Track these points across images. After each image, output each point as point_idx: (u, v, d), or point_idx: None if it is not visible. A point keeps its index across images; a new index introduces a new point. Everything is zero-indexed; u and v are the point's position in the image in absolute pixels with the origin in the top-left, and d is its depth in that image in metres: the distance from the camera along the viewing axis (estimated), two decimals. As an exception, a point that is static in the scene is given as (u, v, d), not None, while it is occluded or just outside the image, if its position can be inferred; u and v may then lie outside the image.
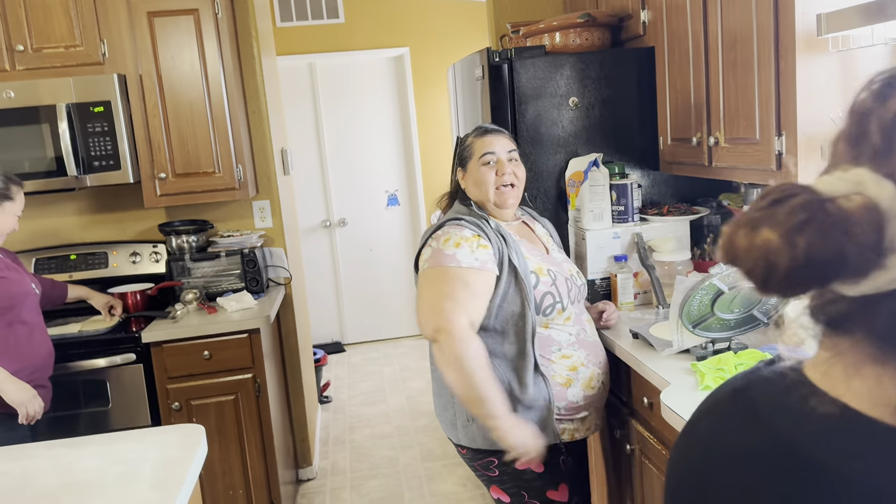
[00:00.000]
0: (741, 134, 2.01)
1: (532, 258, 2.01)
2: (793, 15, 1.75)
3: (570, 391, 2.00)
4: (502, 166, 2.03)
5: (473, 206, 2.06)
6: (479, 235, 1.94)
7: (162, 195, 3.07)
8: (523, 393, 1.93)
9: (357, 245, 5.73)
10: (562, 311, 2.00)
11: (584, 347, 2.03)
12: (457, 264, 1.89)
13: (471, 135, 2.12)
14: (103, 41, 2.95)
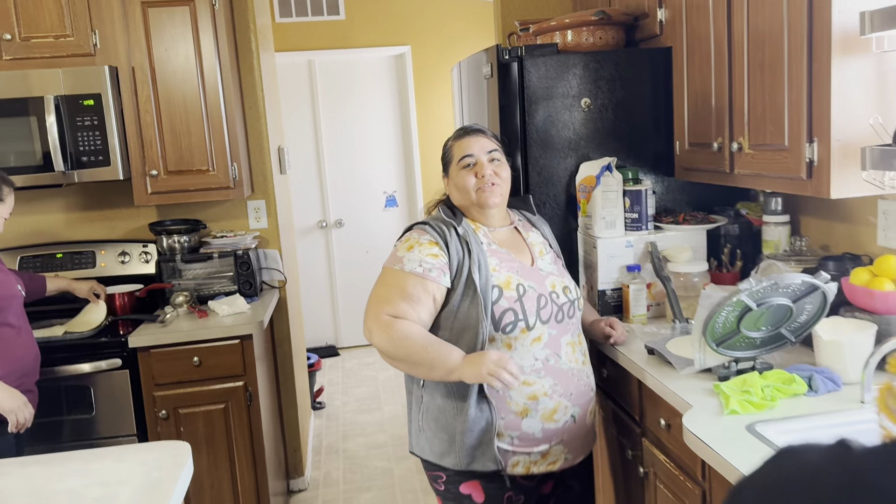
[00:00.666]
0: (768, 140, 1.90)
1: (502, 270, 1.88)
2: (829, 13, 1.64)
3: (526, 422, 1.86)
4: (481, 167, 1.92)
5: (443, 212, 1.96)
6: (436, 242, 1.87)
7: (153, 193, 2.94)
8: (464, 414, 1.83)
9: (353, 247, 5.61)
10: (526, 329, 1.85)
11: (552, 375, 1.87)
12: (400, 267, 1.84)
13: (450, 138, 2.03)
14: (95, 31, 2.82)
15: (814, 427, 1.54)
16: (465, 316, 1.84)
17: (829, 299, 1.68)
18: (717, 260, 2.45)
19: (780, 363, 1.85)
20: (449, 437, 1.87)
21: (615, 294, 2.38)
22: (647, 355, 2.04)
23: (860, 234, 2.12)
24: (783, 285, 1.62)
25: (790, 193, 1.92)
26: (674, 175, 2.51)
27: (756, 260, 2.42)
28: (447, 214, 1.96)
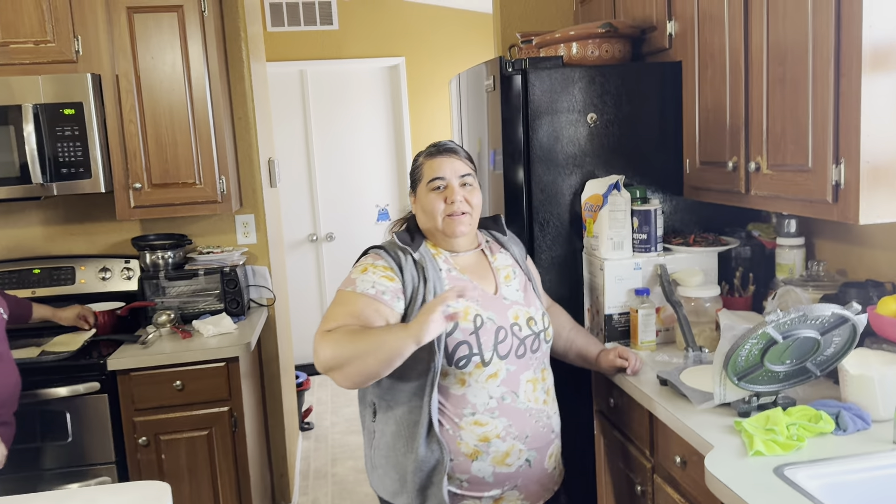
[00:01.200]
0: (789, 160, 1.79)
1: (460, 300, 1.72)
2: (859, 28, 1.54)
3: (476, 464, 1.73)
4: (452, 193, 1.78)
5: (399, 237, 1.82)
6: (390, 267, 1.75)
7: (136, 207, 2.81)
8: (414, 453, 1.71)
9: (344, 261, 5.47)
10: (482, 365, 1.72)
11: (506, 415, 1.74)
12: (352, 289, 1.74)
13: (422, 154, 1.88)
14: (77, 37, 2.69)
15: (847, 472, 1.43)
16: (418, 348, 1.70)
17: (858, 332, 1.57)
18: (728, 284, 2.34)
19: (802, 398, 1.73)
20: (400, 477, 1.75)
21: (622, 318, 2.26)
22: (660, 386, 1.92)
23: (880, 259, 2.02)
24: (812, 317, 1.51)
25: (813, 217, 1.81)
26: (682, 194, 2.40)
27: (769, 284, 2.32)
28: (404, 240, 1.82)
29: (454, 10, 5.24)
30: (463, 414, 1.73)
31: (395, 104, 5.35)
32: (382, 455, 1.79)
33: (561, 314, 2.13)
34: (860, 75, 1.55)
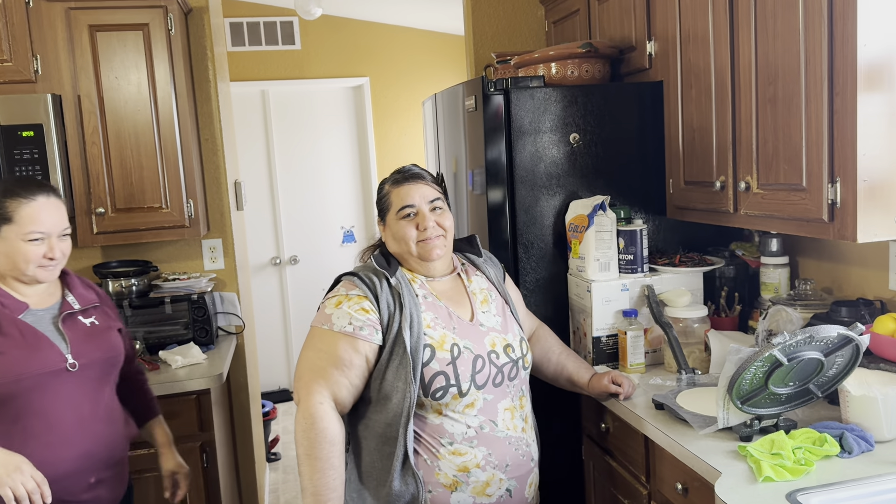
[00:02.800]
0: (782, 179, 1.78)
1: (437, 328, 1.71)
2: (854, 46, 1.54)
3: (455, 496, 1.68)
4: (423, 219, 1.76)
5: (376, 261, 1.78)
6: (365, 296, 1.69)
7: (99, 233, 2.68)
8: (387, 487, 1.66)
9: (309, 284, 5.36)
10: (458, 396, 1.67)
11: (485, 444, 1.70)
12: (329, 327, 1.68)
13: (387, 182, 1.84)
14: (36, 56, 2.57)
15: (860, 496, 1.40)
16: (393, 377, 1.66)
17: (861, 352, 1.55)
18: (714, 304, 2.33)
19: (802, 420, 1.71)
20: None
21: (610, 341, 2.23)
22: (655, 410, 1.88)
23: (867, 277, 2.03)
24: (819, 338, 1.49)
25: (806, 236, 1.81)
26: (665, 214, 2.39)
27: (754, 303, 2.31)
28: (381, 264, 1.76)
29: (419, 31, 5.22)
30: (441, 443, 1.68)
31: (360, 124, 5.29)
32: (353, 489, 1.72)
33: (550, 337, 2.08)
34: (855, 94, 1.55)
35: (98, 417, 1.85)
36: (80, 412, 1.81)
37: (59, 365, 1.78)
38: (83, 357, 1.83)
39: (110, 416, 1.90)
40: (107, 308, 2.00)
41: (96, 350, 1.86)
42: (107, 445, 1.86)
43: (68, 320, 1.86)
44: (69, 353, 1.81)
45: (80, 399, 1.81)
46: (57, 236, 1.80)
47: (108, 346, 1.90)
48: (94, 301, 1.95)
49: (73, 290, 1.92)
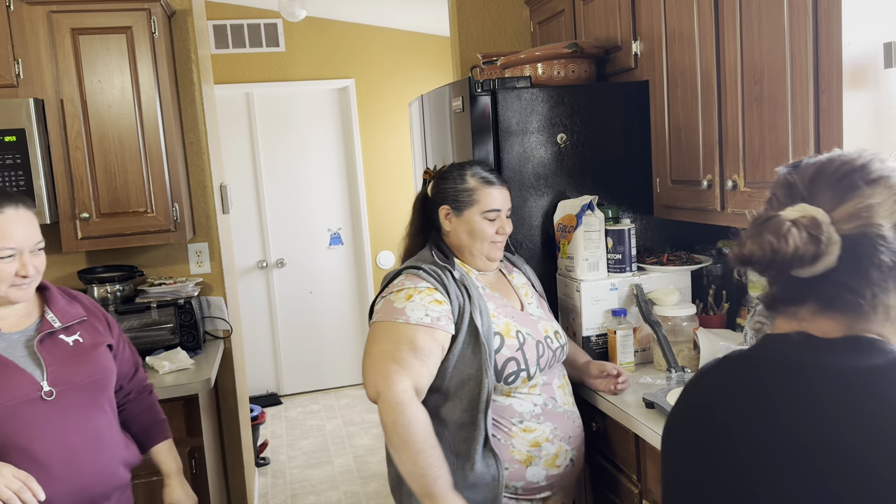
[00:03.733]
0: (768, 177, 1.79)
1: (500, 316, 1.81)
2: (839, 45, 1.55)
3: (531, 470, 1.78)
4: (504, 225, 1.91)
5: (435, 255, 1.84)
6: (435, 289, 1.75)
7: (84, 238, 2.65)
8: (469, 469, 1.70)
9: (296, 287, 5.34)
10: (527, 379, 1.79)
11: (550, 420, 1.83)
12: (405, 320, 1.70)
13: (471, 177, 1.90)
14: (17, 61, 2.54)
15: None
16: (466, 366, 1.73)
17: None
18: (702, 302, 2.34)
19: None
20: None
21: (600, 340, 2.23)
22: (646, 409, 1.89)
23: (853, 273, 2.04)
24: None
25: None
26: (652, 213, 2.40)
27: (742, 301, 2.32)
28: (440, 258, 1.84)
29: (403, 32, 5.21)
30: (511, 423, 1.79)
31: (346, 126, 5.27)
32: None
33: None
34: (841, 92, 1.57)
35: (89, 448, 1.65)
36: (68, 444, 1.61)
37: (33, 394, 1.59)
38: (63, 383, 1.63)
39: (104, 443, 1.69)
40: (95, 322, 1.80)
41: (79, 373, 1.67)
42: (102, 478, 1.67)
43: (47, 341, 1.66)
44: (45, 380, 1.61)
45: (65, 430, 1.62)
46: (29, 251, 1.61)
47: (92, 368, 1.70)
48: (79, 316, 1.75)
49: (54, 307, 1.72)
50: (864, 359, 0.87)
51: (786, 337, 0.93)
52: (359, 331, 5.46)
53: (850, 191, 0.89)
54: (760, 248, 0.89)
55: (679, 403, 1.04)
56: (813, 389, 0.87)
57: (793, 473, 0.85)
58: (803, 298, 0.92)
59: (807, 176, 0.94)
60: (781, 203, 0.94)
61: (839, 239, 0.87)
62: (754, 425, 0.90)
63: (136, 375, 1.94)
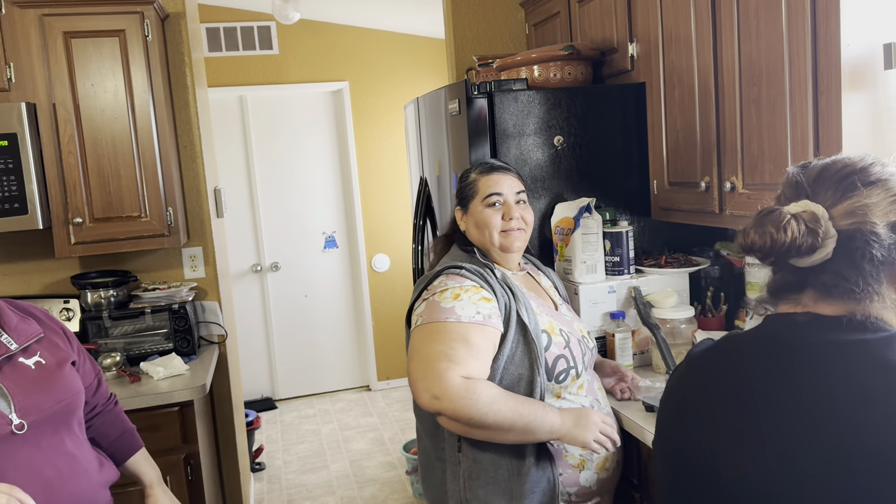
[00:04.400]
0: (767, 179, 1.79)
1: (542, 315, 1.76)
2: (838, 46, 1.55)
3: (584, 475, 1.74)
4: (510, 210, 1.81)
5: (476, 253, 1.82)
6: (482, 287, 1.69)
7: (77, 243, 2.63)
8: (525, 474, 1.66)
9: (291, 291, 5.31)
10: (576, 377, 1.75)
11: None
12: (456, 319, 1.63)
13: (473, 171, 1.88)
14: (9, 65, 2.52)
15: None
16: (518, 364, 1.67)
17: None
18: (700, 304, 2.33)
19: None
20: (508, 502, 1.67)
21: (599, 343, 2.22)
22: (646, 412, 1.88)
23: (852, 274, 2.04)
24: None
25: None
26: (650, 215, 2.39)
27: (740, 303, 2.31)
28: (481, 256, 1.81)
29: (397, 34, 5.20)
30: None
31: (340, 129, 5.25)
32: (481, 484, 1.68)
33: None
34: (840, 93, 1.56)
35: (65, 477, 1.51)
36: (44, 476, 1.47)
37: (3, 429, 1.42)
38: (32, 413, 1.47)
39: (80, 469, 1.56)
40: (54, 337, 1.62)
41: (48, 399, 1.51)
42: (85, 503, 1.56)
43: (6, 368, 1.48)
44: (13, 413, 1.44)
45: (39, 462, 1.47)
46: None
47: (61, 391, 1.54)
48: (35, 333, 1.57)
49: (7, 327, 1.52)
50: (856, 334, 0.96)
51: (790, 316, 1.02)
52: (354, 334, 5.44)
53: (850, 191, 0.99)
54: (761, 238, 0.99)
55: (678, 380, 1.13)
56: (808, 359, 0.97)
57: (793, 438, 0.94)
58: (804, 286, 1.01)
59: (812, 175, 1.03)
60: (788, 199, 1.04)
61: (835, 233, 0.97)
62: (755, 394, 0.99)
63: (100, 388, 1.80)
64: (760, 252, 1.00)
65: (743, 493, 0.97)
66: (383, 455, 4.24)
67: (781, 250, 0.98)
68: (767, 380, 0.99)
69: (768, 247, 0.99)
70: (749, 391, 1.00)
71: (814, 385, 0.94)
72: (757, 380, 1.00)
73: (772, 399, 0.97)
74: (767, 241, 0.98)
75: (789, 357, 0.98)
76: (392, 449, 4.31)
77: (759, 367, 1.01)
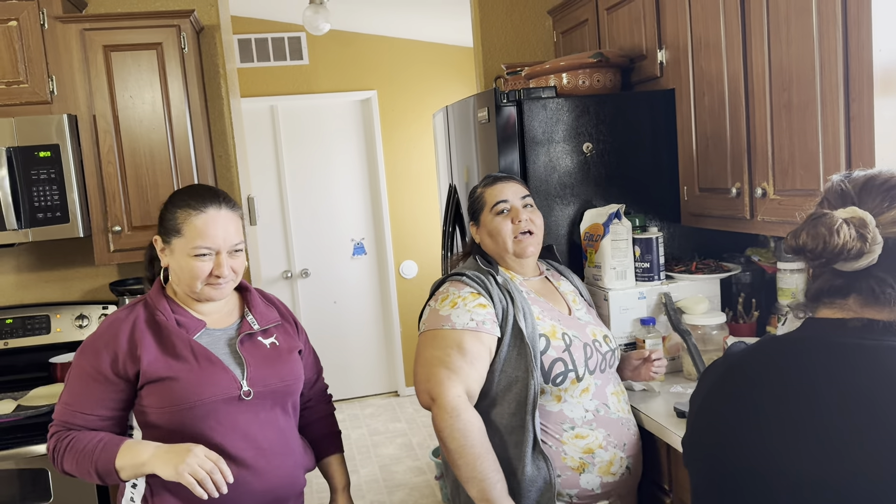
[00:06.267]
0: (798, 185, 1.79)
1: (546, 319, 1.81)
2: (870, 51, 1.55)
3: (584, 477, 1.77)
4: (517, 213, 1.88)
5: (479, 261, 1.89)
6: (479, 293, 1.78)
7: (116, 251, 2.70)
8: (521, 474, 1.71)
9: (320, 297, 5.37)
10: (576, 381, 1.78)
11: (604, 426, 1.81)
12: (451, 326, 1.74)
13: (479, 186, 1.97)
14: (52, 78, 2.60)
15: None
16: (513, 368, 1.74)
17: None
18: (731, 310, 2.33)
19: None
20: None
21: (629, 349, 2.22)
22: (677, 418, 1.88)
23: (886, 280, 2.02)
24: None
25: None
26: (679, 221, 2.39)
27: (771, 309, 2.31)
28: (484, 263, 1.87)
29: (425, 44, 5.24)
30: (563, 429, 1.77)
31: (368, 137, 5.31)
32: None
33: None
34: (872, 99, 1.56)
35: (276, 451, 1.66)
36: (258, 444, 1.63)
37: (233, 392, 1.61)
38: (259, 384, 1.65)
39: (290, 447, 1.71)
40: (288, 326, 1.80)
41: (273, 375, 1.68)
42: (288, 481, 1.68)
43: (247, 342, 1.69)
44: (245, 380, 1.63)
45: (256, 430, 1.64)
46: (227, 252, 1.63)
47: (286, 372, 1.71)
48: (275, 319, 1.77)
49: (254, 309, 1.75)
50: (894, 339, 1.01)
51: (841, 321, 1.05)
52: (383, 340, 5.48)
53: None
54: (813, 239, 1.02)
55: (719, 381, 1.15)
56: (866, 363, 1.00)
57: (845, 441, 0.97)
58: (849, 291, 1.05)
59: (858, 184, 1.07)
60: (833, 206, 1.07)
61: (882, 240, 1.01)
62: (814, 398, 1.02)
63: (318, 383, 1.95)
64: (812, 254, 1.03)
65: (797, 492, 1.00)
66: (412, 460, 4.26)
67: (833, 253, 1.01)
68: (825, 381, 1.01)
69: (819, 249, 1.01)
70: (809, 394, 1.02)
71: (878, 387, 0.97)
72: (816, 384, 1.02)
73: (831, 400, 0.99)
74: (820, 244, 1.01)
75: (847, 360, 1.01)
76: (421, 454, 4.34)
77: (814, 368, 1.03)
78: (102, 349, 1.60)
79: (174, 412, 1.57)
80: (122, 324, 1.63)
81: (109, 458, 1.53)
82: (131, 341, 1.60)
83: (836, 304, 1.06)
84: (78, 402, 1.61)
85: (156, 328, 1.63)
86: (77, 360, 1.63)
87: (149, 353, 1.59)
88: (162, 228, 1.66)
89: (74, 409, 1.61)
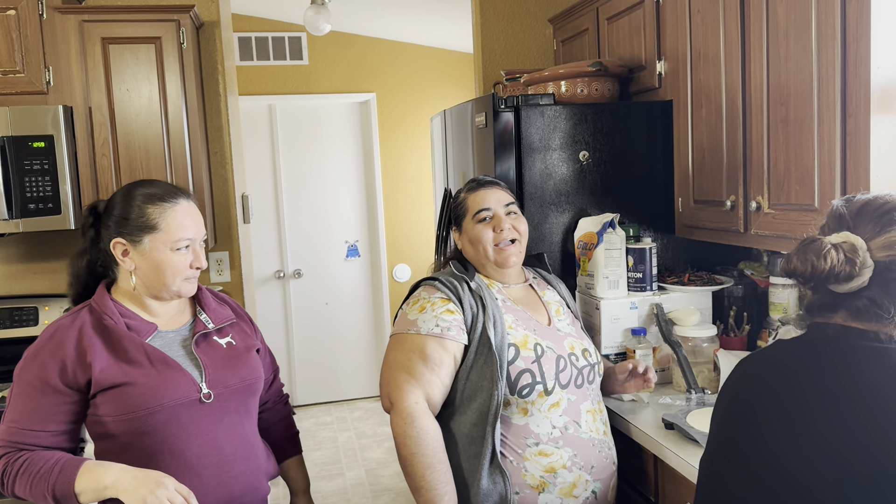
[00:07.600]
0: (793, 199, 1.79)
1: (519, 328, 1.77)
2: (867, 68, 1.55)
3: (543, 497, 1.71)
4: (500, 221, 1.84)
5: (454, 267, 1.86)
6: (448, 299, 1.75)
7: (107, 244, 2.67)
8: (474, 487, 1.67)
9: (312, 298, 5.35)
10: (545, 394, 1.72)
11: (571, 445, 1.74)
12: (416, 331, 1.73)
13: (462, 190, 1.92)
14: (48, 68, 2.58)
15: None
16: (478, 376, 1.70)
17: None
18: (722, 323, 2.33)
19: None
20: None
21: (619, 359, 2.22)
22: (665, 430, 1.87)
23: (877, 298, 2.02)
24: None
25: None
26: (674, 232, 2.39)
27: (763, 323, 2.31)
28: (459, 269, 1.84)
29: (425, 48, 5.25)
30: (526, 444, 1.71)
31: (366, 139, 5.30)
32: None
33: None
34: (869, 116, 1.56)
35: (239, 456, 1.60)
36: (220, 451, 1.57)
37: (193, 395, 1.54)
38: (219, 385, 1.59)
39: (253, 452, 1.65)
40: (243, 325, 1.74)
41: (233, 376, 1.62)
42: (250, 488, 1.62)
43: (202, 343, 1.62)
44: (203, 382, 1.57)
45: (217, 434, 1.57)
46: (199, 244, 1.59)
47: (246, 371, 1.65)
48: (229, 318, 1.70)
49: (206, 307, 1.68)
50: (882, 344, 1.07)
51: (823, 325, 1.14)
52: (374, 343, 5.46)
53: (889, 225, 1.08)
54: (803, 264, 1.09)
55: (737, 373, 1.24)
56: (842, 359, 1.09)
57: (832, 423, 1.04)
58: (837, 308, 1.12)
59: (854, 209, 1.13)
60: (831, 230, 1.13)
61: (872, 264, 1.06)
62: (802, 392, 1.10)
63: (275, 383, 1.89)
64: (802, 277, 1.11)
65: (800, 489, 1.04)
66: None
67: (821, 277, 1.08)
68: (810, 376, 1.10)
69: (809, 273, 1.09)
70: (797, 390, 1.11)
71: (849, 381, 1.06)
72: (804, 381, 1.10)
73: (812, 393, 1.08)
74: (808, 268, 1.09)
75: (825, 356, 1.10)
76: (408, 459, 4.31)
77: (801, 366, 1.12)
78: (48, 359, 1.49)
79: (133, 419, 1.49)
80: (68, 331, 1.52)
81: (68, 480, 1.42)
82: (79, 348, 1.50)
83: (826, 316, 1.13)
84: (25, 419, 1.49)
85: (105, 333, 1.52)
86: (20, 374, 1.51)
87: (100, 360, 1.50)
88: (124, 230, 1.53)
89: (22, 427, 1.48)
